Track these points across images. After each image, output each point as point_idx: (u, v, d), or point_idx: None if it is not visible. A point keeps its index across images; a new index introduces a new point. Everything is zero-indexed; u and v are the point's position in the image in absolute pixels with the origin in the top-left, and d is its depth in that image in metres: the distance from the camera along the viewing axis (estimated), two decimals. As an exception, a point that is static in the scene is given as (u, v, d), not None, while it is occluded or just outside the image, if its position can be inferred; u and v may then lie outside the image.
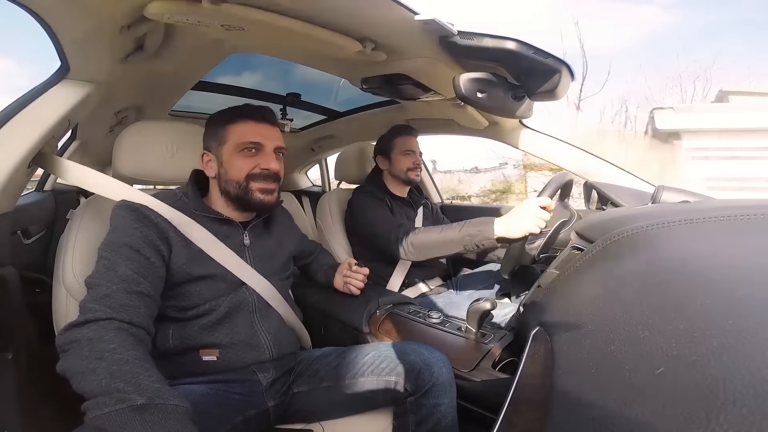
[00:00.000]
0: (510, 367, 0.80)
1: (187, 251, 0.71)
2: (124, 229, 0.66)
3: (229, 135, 0.77)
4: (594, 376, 0.29)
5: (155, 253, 0.67)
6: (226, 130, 0.77)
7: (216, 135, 0.78)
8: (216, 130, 0.78)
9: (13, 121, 0.70)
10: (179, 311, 0.71)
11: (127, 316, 0.58)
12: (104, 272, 0.61)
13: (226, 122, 0.78)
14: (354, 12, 0.69)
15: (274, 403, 0.74)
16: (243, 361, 0.73)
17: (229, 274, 0.74)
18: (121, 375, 0.49)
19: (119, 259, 0.63)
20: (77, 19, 0.62)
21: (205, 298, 0.72)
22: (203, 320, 0.71)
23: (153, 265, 0.65)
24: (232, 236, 0.78)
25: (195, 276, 0.71)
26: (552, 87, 0.78)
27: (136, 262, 0.63)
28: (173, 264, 0.69)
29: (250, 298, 0.76)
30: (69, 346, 0.54)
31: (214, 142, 0.78)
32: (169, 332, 0.70)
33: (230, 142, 0.77)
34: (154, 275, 0.65)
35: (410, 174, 1.33)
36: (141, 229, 0.67)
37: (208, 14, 0.63)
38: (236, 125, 0.77)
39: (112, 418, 0.46)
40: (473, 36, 0.75)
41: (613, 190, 1.21)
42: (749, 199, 0.59)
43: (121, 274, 0.61)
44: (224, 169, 0.77)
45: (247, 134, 0.77)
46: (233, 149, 0.76)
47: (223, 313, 0.72)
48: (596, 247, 0.46)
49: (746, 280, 0.26)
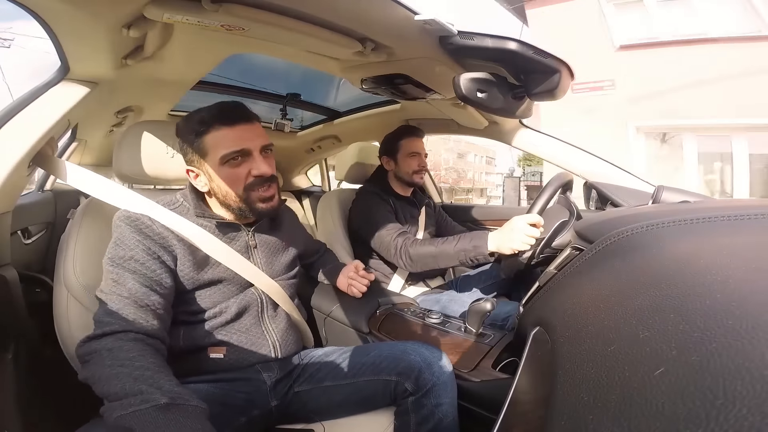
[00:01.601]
0: (510, 367, 0.80)
1: (193, 258, 0.70)
2: (126, 242, 0.66)
3: (207, 147, 0.70)
4: (594, 377, 0.29)
5: (160, 264, 0.67)
6: (203, 142, 0.70)
7: (193, 149, 0.71)
8: (191, 143, 0.71)
9: (13, 121, 0.70)
10: (190, 315, 0.71)
11: (142, 328, 0.60)
12: (113, 287, 0.63)
13: (199, 133, 0.70)
14: (354, 12, 0.69)
15: (277, 402, 0.75)
16: (249, 360, 0.74)
17: (237, 277, 0.74)
18: (144, 379, 0.52)
19: (126, 273, 0.63)
20: (77, 19, 0.62)
21: (215, 301, 0.72)
22: (213, 322, 0.72)
23: (159, 277, 0.66)
24: (238, 238, 0.77)
25: (204, 282, 0.71)
26: (552, 87, 0.78)
27: (143, 275, 0.64)
28: (180, 273, 0.69)
29: (258, 299, 0.77)
30: (90, 356, 0.56)
31: (193, 157, 0.72)
32: (180, 334, 0.70)
33: (211, 154, 0.70)
34: (162, 287, 0.66)
35: (415, 177, 1.33)
36: (143, 242, 0.66)
37: (208, 14, 0.63)
38: (210, 135, 0.70)
39: (137, 416, 0.47)
40: (473, 36, 0.75)
41: (613, 190, 1.21)
42: (749, 199, 0.59)
43: (130, 288, 0.62)
44: (215, 184, 0.72)
45: (227, 143, 0.69)
46: (217, 163, 0.70)
47: (232, 314, 0.73)
48: (596, 247, 0.46)
49: (746, 280, 0.26)
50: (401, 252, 1.12)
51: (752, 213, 0.39)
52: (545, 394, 0.36)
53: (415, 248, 1.10)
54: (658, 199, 0.99)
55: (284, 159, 2.25)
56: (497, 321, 1.07)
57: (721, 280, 0.27)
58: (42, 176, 1.73)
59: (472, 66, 0.87)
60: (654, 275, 0.32)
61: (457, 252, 1.02)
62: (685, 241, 0.36)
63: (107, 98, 0.96)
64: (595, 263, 0.45)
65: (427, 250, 1.08)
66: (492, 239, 0.97)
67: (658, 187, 1.01)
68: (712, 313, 0.24)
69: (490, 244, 0.97)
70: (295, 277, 0.90)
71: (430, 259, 1.08)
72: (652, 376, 0.23)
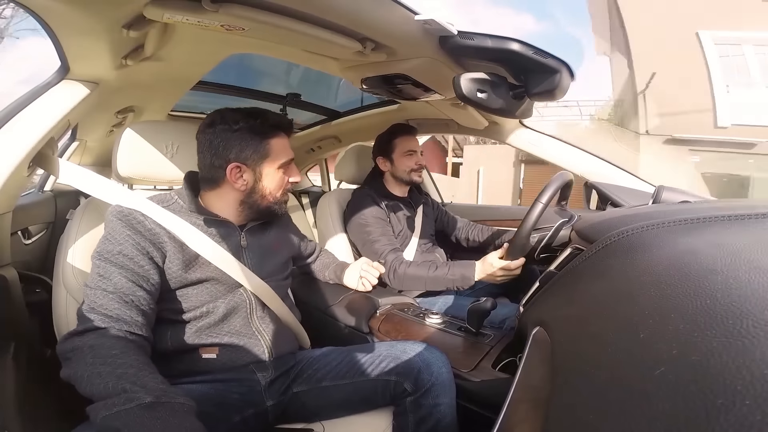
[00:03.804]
0: (510, 367, 0.80)
1: (182, 255, 0.70)
2: (116, 236, 0.66)
3: (270, 151, 0.75)
4: (593, 377, 0.29)
5: (148, 261, 0.66)
6: (268, 145, 0.75)
7: (254, 148, 0.74)
8: (255, 144, 0.74)
9: (13, 121, 0.70)
10: (176, 314, 0.70)
11: (125, 324, 0.60)
12: (99, 281, 0.62)
13: (266, 136, 0.75)
14: (354, 12, 0.69)
15: (272, 402, 0.74)
16: (243, 360, 0.73)
17: (225, 277, 0.73)
18: (127, 377, 0.51)
19: (113, 268, 0.63)
20: (77, 19, 0.62)
21: (202, 301, 0.72)
22: (200, 322, 0.71)
23: (147, 273, 0.65)
24: (229, 238, 0.77)
25: (191, 280, 0.71)
26: (552, 87, 0.78)
27: (130, 271, 0.64)
28: (168, 269, 0.69)
29: (247, 300, 0.76)
30: (71, 354, 0.55)
31: (252, 155, 0.74)
32: (166, 335, 0.70)
33: (272, 158, 0.75)
34: (148, 283, 0.65)
35: (413, 175, 1.32)
36: (133, 237, 0.66)
37: (208, 14, 0.63)
38: (276, 140, 0.76)
39: (123, 416, 0.47)
40: (473, 36, 0.75)
41: (613, 190, 1.21)
42: (749, 199, 0.59)
43: (116, 282, 0.62)
44: (262, 184, 0.76)
45: (286, 151, 0.78)
46: (275, 166, 0.76)
47: (220, 315, 0.72)
48: (596, 247, 0.45)
49: (746, 280, 0.26)
50: (389, 269, 1.15)
51: (752, 213, 0.39)
52: (545, 394, 0.36)
53: (404, 270, 1.14)
54: (658, 199, 0.99)
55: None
56: (495, 323, 1.07)
57: (721, 279, 0.27)
58: (42, 176, 1.73)
59: (472, 66, 0.87)
60: (654, 275, 0.32)
61: (446, 281, 1.09)
62: (685, 241, 0.36)
63: (107, 98, 0.96)
64: (595, 263, 0.45)
65: (416, 274, 1.12)
66: (478, 269, 1.06)
67: (658, 187, 1.01)
68: (712, 313, 0.24)
69: (477, 274, 1.06)
70: (287, 278, 0.89)
71: (418, 282, 1.13)
72: (652, 376, 0.23)
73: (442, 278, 1.08)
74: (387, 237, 1.22)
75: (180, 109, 1.60)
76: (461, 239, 1.53)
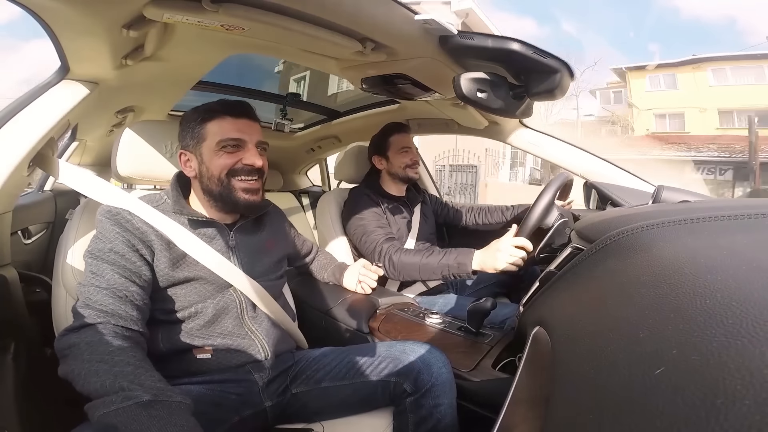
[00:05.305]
0: (510, 367, 0.80)
1: (169, 254, 0.70)
2: (106, 235, 0.66)
3: (207, 133, 0.74)
4: (593, 376, 0.29)
5: (139, 257, 0.67)
6: (204, 128, 0.74)
7: (193, 133, 0.75)
8: (192, 128, 0.75)
9: (13, 121, 0.70)
10: (165, 314, 0.70)
11: (121, 319, 0.60)
12: (92, 278, 0.62)
13: (203, 120, 0.75)
14: (354, 12, 0.69)
15: (271, 403, 0.74)
16: (238, 360, 0.73)
17: (214, 276, 0.73)
18: (124, 375, 0.51)
19: (105, 265, 0.63)
20: (77, 19, 0.62)
21: (191, 301, 0.71)
22: (191, 323, 0.71)
23: (139, 269, 0.66)
24: (218, 237, 0.77)
25: (179, 279, 0.70)
26: (552, 87, 0.78)
27: (122, 267, 0.64)
28: (157, 267, 0.69)
29: (237, 300, 0.75)
30: (68, 350, 0.55)
31: (191, 141, 0.76)
32: (158, 336, 0.69)
33: (209, 140, 0.74)
34: (140, 278, 0.66)
35: (409, 171, 1.32)
36: (122, 234, 0.67)
37: (208, 14, 0.63)
38: (214, 122, 0.74)
39: (120, 414, 0.46)
40: (473, 36, 0.75)
41: (613, 190, 1.21)
42: (749, 199, 0.59)
43: (108, 279, 0.62)
44: (205, 166, 0.75)
45: (226, 131, 0.74)
46: (213, 147, 0.74)
47: (209, 315, 0.72)
48: (596, 247, 0.45)
49: (747, 280, 0.26)
50: (385, 258, 1.13)
51: (752, 213, 0.39)
52: (545, 394, 0.36)
53: (399, 256, 1.11)
54: (658, 199, 0.99)
55: (284, 159, 2.25)
56: (495, 323, 1.07)
57: (721, 279, 0.27)
58: (42, 176, 1.73)
59: (472, 66, 0.87)
60: (654, 275, 0.32)
61: (441, 266, 1.04)
62: (685, 241, 0.36)
63: (107, 98, 0.96)
64: (595, 263, 0.45)
65: (411, 260, 1.09)
66: (477, 257, 1.00)
67: (658, 187, 1.01)
68: (712, 313, 0.24)
69: (475, 262, 1.00)
70: (281, 277, 0.89)
71: (414, 269, 1.09)
72: (652, 376, 0.23)
73: (435, 264, 1.05)
74: (383, 228, 1.22)
75: (180, 109, 1.59)
76: (469, 225, 1.54)
